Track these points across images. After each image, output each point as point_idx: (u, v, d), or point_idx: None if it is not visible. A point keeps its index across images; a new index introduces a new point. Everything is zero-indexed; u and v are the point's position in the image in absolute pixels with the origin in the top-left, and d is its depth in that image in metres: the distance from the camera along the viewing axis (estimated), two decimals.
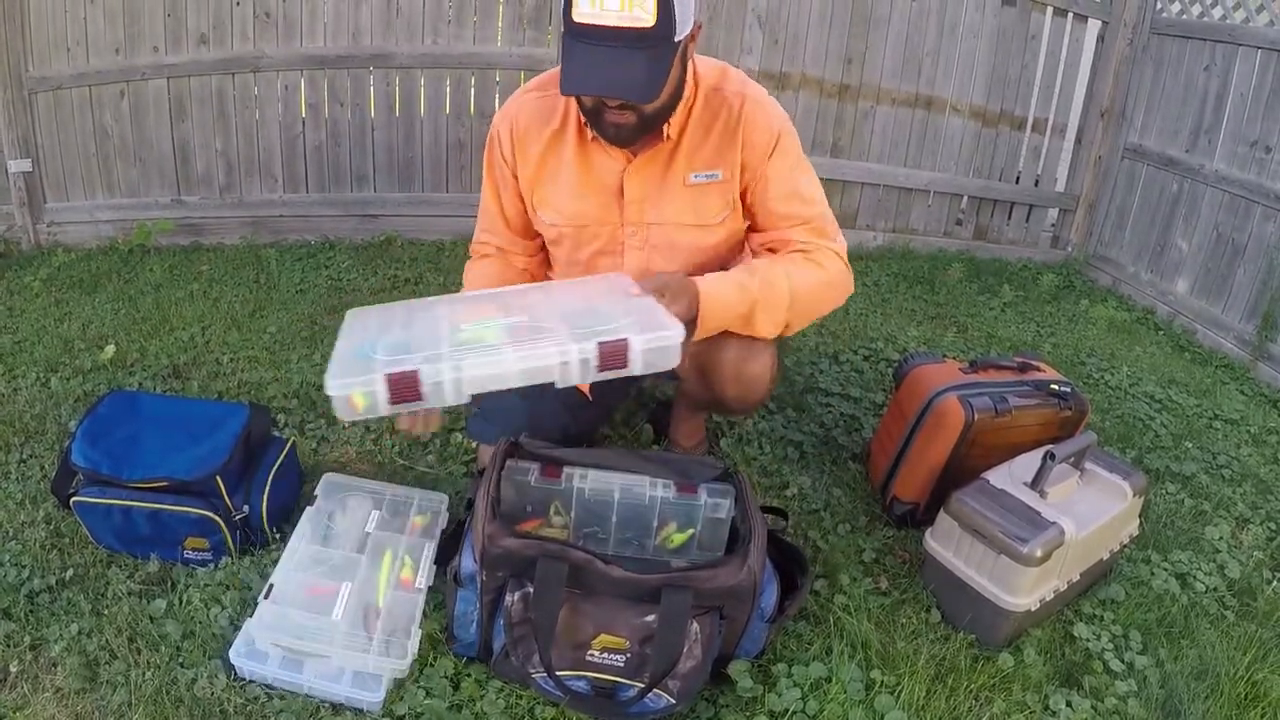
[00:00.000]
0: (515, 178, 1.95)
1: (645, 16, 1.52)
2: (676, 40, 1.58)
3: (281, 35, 3.69)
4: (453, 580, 1.69)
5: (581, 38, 1.55)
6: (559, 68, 1.81)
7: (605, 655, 1.61)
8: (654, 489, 1.77)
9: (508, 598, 1.61)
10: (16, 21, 3.44)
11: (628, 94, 1.59)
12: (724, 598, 1.63)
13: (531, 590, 1.60)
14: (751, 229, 1.98)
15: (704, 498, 1.77)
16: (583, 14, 1.53)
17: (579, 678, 1.62)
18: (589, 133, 1.83)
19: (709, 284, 1.74)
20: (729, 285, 1.77)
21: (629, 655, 1.61)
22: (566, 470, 1.79)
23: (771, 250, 1.92)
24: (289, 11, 3.67)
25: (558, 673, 1.60)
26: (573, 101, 1.82)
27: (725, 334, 1.88)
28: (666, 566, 1.70)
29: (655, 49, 1.56)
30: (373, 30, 3.77)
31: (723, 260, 2.01)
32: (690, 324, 1.68)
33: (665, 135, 1.82)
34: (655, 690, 1.60)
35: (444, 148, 4.01)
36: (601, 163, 1.87)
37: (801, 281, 1.84)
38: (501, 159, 1.94)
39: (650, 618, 1.60)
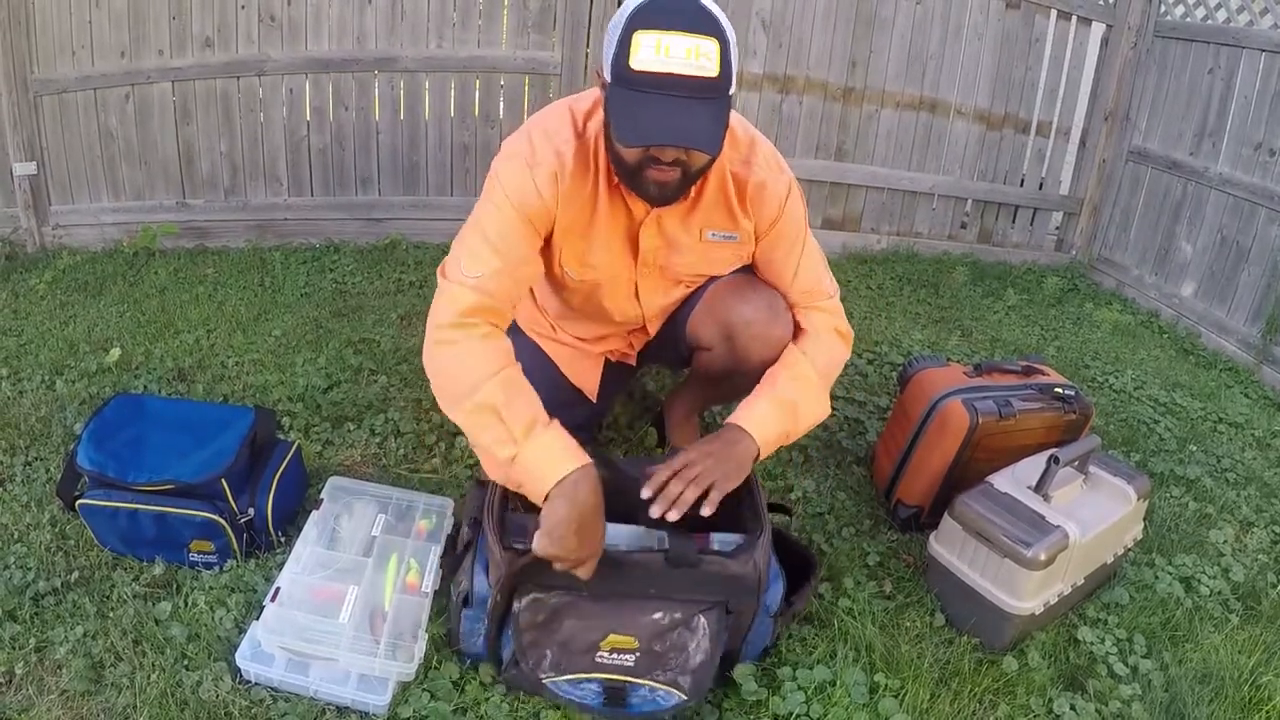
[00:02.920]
0: (551, 230, 1.80)
1: (710, 66, 1.48)
2: (730, 94, 1.56)
3: (286, 39, 3.69)
4: (461, 603, 1.69)
5: (644, 87, 1.48)
6: (585, 111, 1.77)
7: (615, 655, 1.61)
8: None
9: (516, 604, 1.61)
10: (22, 25, 3.43)
11: (700, 143, 1.53)
12: (729, 587, 1.62)
13: (540, 596, 1.60)
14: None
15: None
16: (645, 62, 1.47)
17: (589, 680, 1.62)
18: (613, 181, 1.76)
19: (757, 426, 1.75)
20: (771, 411, 1.78)
21: (639, 654, 1.61)
22: None
23: None
24: (294, 15, 3.66)
25: (568, 676, 1.60)
26: (600, 151, 1.74)
27: (746, 300, 1.93)
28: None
29: (717, 100, 1.52)
30: (377, 34, 3.76)
31: None
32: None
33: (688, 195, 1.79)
34: (666, 687, 1.61)
35: (449, 151, 4.01)
36: (621, 212, 1.82)
37: (823, 360, 1.89)
38: (538, 210, 1.73)
39: (659, 614, 1.61)
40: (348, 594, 1.73)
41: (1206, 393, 3.36)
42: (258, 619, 1.68)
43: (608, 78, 1.55)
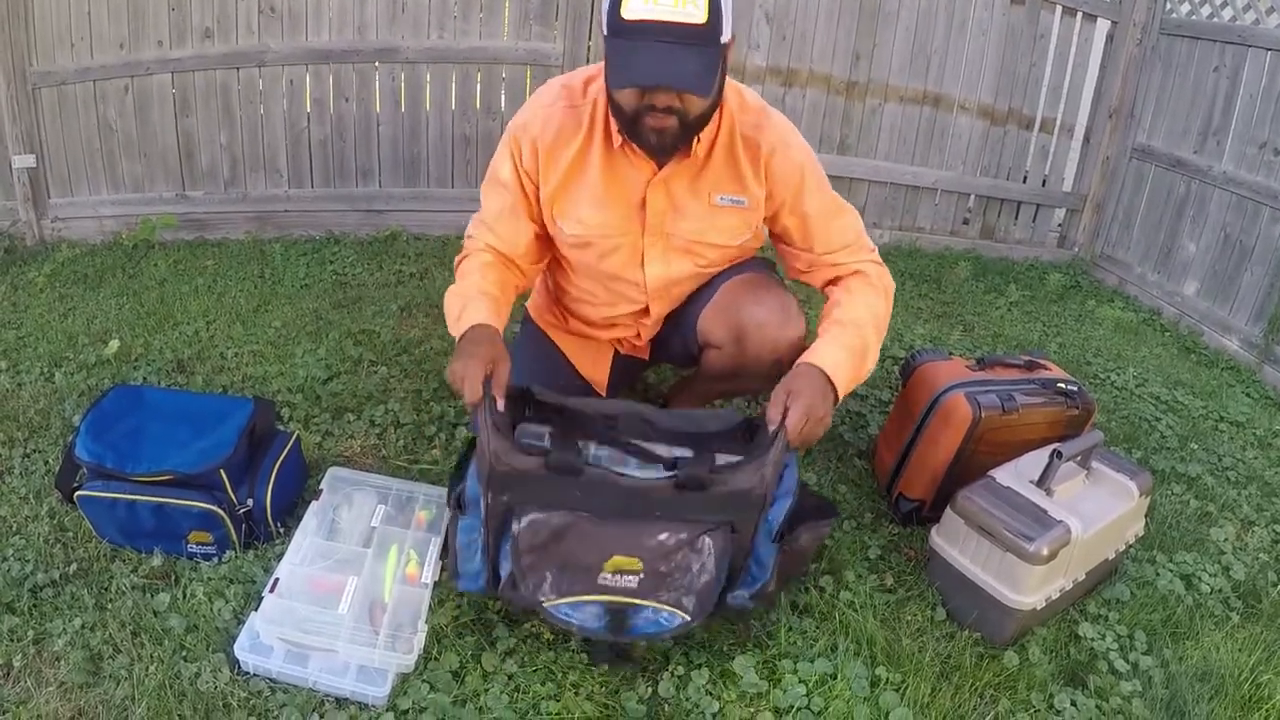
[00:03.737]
0: (536, 188, 1.94)
1: (697, 13, 1.55)
2: (722, 42, 1.61)
3: (286, 29, 3.68)
4: (455, 507, 1.69)
5: (633, 35, 1.56)
6: (586, 76, 1.88)
7: (618, 577, 1.61)
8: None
9: (515, 524, 1.60)
10: (20, 16, 3.43)
11: (686, 84, 1.60)
12: (736, 503, 1.62)
13: (541, 516, 1.59)
14: (794, 254, 2.04)
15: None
16: (635, 11, 1.55)
17: (591, 603, 1.62)
18: (615, 142, 1.83)
19: (832, 365, 1.79)
20: (841, 352, 1.81)
21: (643, 576, 1.61)
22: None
23: (828, 280, 2.01)
24: (293, 6, 3.65)
25: (568, 599, 1.60)
26: (600, 112, 1.83)
27: (759, 301, 1.95)
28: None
29: (706, 47, 1.58)
30: (378, 25, 3.75)
31: (731, 261, 2.06)
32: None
33: (693, 151, 1.82)
34: (669, 608, 1.61)
35: (449, 143, 4.00)
36: (626, 174, 1.87)
37: (878, 309, 1.95)
38: (523, 173, 1.93)
39: (664, 536, 1.60)
40: (347, 585, 1.73)
41: (1208, 391, 3.36)
42: (256, 610, 1.67)
43: (605, 32, 1.62)
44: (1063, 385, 2.21)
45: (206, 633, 1.71)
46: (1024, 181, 4.63)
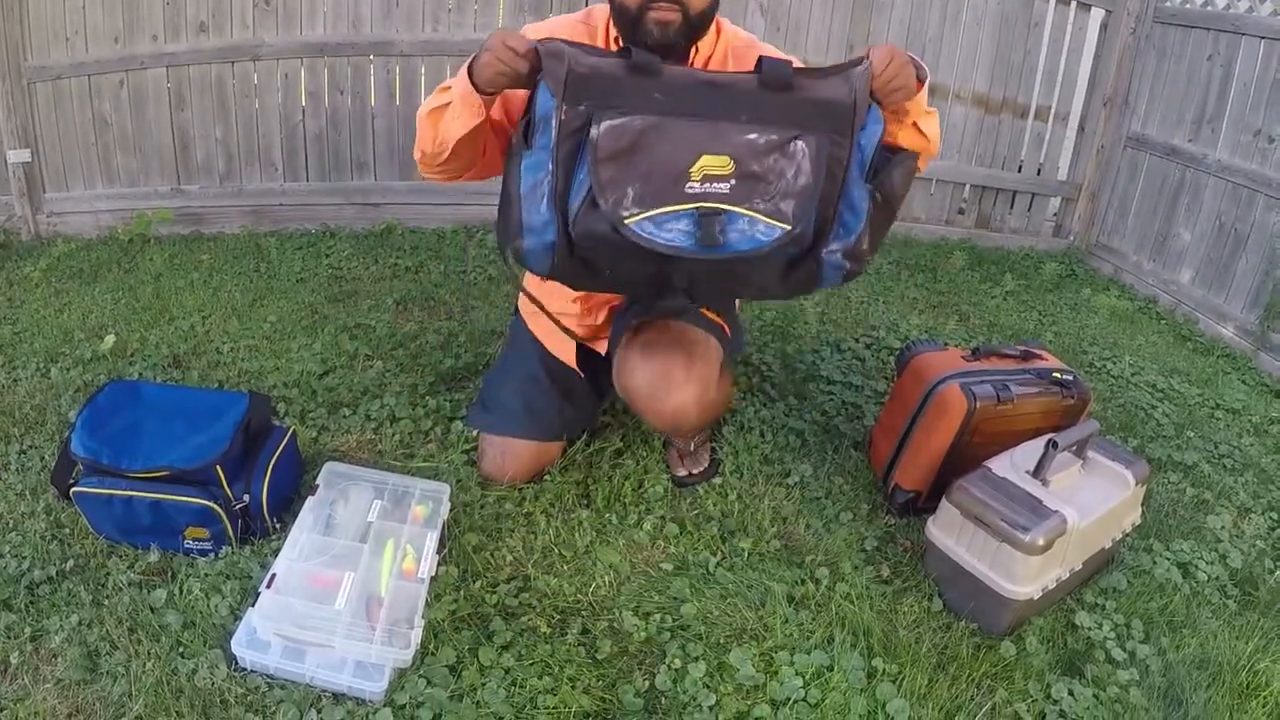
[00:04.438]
0: None
1: None
2: None
3: (281, 23, 3.68)
4: (523, 138, 1.59)
5: None
6: (586, 10, 1.96)
7: (708, 184, 1.53)
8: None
9: (593, 130, 1.52)
10: (15, 11, 3.42)
11: None
12: (824, 113, 1.56)
13: (622, 121, 1.52)
14: None
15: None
16: None
17: (679, 214, 1.53)
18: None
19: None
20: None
21: (734, 179, 1.53)
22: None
23: None
24: (288, 0, 3.65)
25: (654, 211, 1.52)
26: (607, 25, 1.88)
27: (653, 358, 1.90)
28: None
29: None
30: (373, 18, 3.75)
31: None
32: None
33: (690, 62, 1.84)
34: (767, 219, 1.54)
35: None
36: None
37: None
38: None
39: (754, 134, 1.53)
40: (344, 580, 1.72)
41: (1204, 379, 3.36)
42: (253, 606, 1.67)
43: None
44: (1058, 375, 2.21)
45: (203, 629, 1.71)
46: (1019, 171, 4.62)
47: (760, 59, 1.57)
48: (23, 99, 3.54)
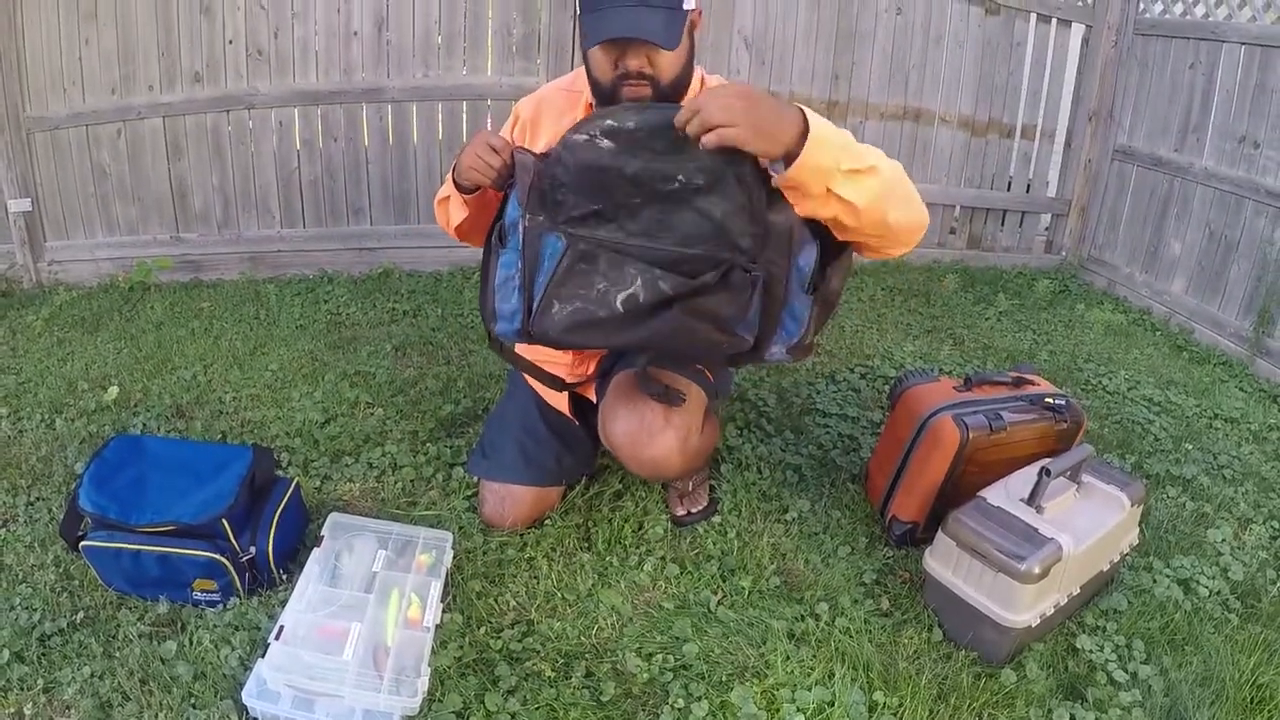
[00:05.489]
0: (524, 140, 2.03)
1: None
2: (685, 8, 1.71)
3: (274, 72, 3.72)
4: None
5: (600, 4, 1.67)
6: (572, 76, 2.03)
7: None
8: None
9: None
10: (13, 62, 3.47)
11: (651, 35, 1.67)
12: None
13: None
14: None
15: None
16: None
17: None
18: None
19: (811, 116, 1.55)
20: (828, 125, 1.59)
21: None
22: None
23: None
24: (281, 49, 3.69)
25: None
26: (588, 93, 1.90)
27: (633, 407, 1.92)
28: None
29: (669, 9, 1.68)
30: (364, 65, 3.79)
31: None
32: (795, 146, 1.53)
33: None
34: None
35: (438, 179, 4.00)
36: None
37: (893, 168, 1.67)
38: (520, 122, 2.10)
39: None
40: (351, 631, 1.75)
41: (1201, 389, 3.38)
42: (263, 657, 1.68)
43: (579, 12, 1.73)
44: (1050, 400, 2.23)
45: (214, 680, 1.73)
46: (1008, 189, 4.66)
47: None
48: (22, 149, 3.58)
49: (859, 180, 1.56)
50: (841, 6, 4.12)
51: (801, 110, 1.53)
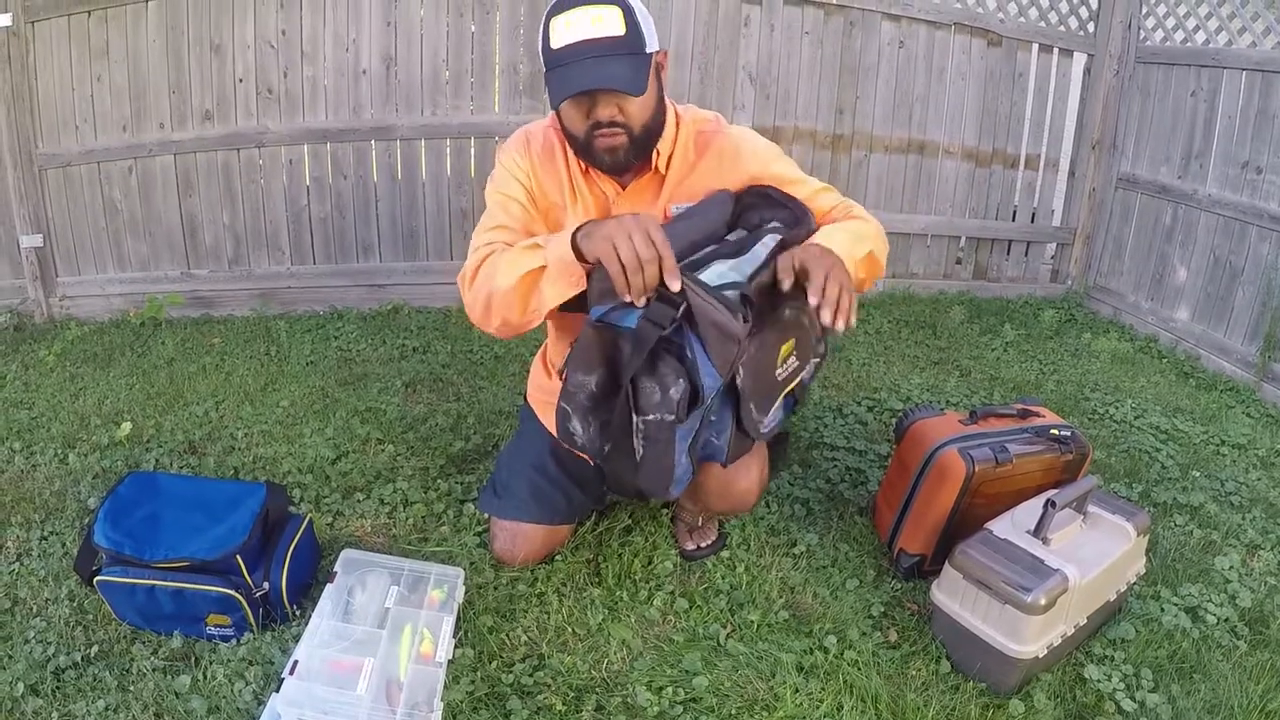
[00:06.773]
0: (535, 195, 1.95)
1: (616, 27, 1.68)
2: (648, 51, 1.72)
3: (284, 111, 3.77)
4: (675, 417, 1.64)
5: (564, 59, 1.68)
6: (552, 118, 1.95)
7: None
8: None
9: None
10: (26, 100, 3.53)
11: (616, 83, 1.68)
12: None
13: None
14: None
15: None
16: (560, 39, 1.68)
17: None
18: (581, 168, 1.91)
19: (823, 237, 1.75)
20: (836, 234, 1.78)
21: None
22: None
23: None
24: (290, 88, 3.75)
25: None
26: (564, 144, 1.91)
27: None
28: None
29: (632, 55, 1.69)
30: (373, 104, 3.84)
31: None
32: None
33: (655, 167, 1.89)
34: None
35: (447, 216, 4.06)
36: (598, 197, 1.95)
37: (864, 226, 1.87)
38: (524, 176, 1.94)
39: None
40: (364, 665, 1.76)
41: (1208, 415, 3.37)
42: (277, 691, 1.69)
43: (544, 69, 1.73)
44: (1056, 431, 2.25)
45: (228, 714, 1.74)
46: (1013, 219, 4.68)
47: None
48: (34, 185, 3.63)
49: (865, 260, 1.82)
50: (845, 41, 4.16)
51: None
